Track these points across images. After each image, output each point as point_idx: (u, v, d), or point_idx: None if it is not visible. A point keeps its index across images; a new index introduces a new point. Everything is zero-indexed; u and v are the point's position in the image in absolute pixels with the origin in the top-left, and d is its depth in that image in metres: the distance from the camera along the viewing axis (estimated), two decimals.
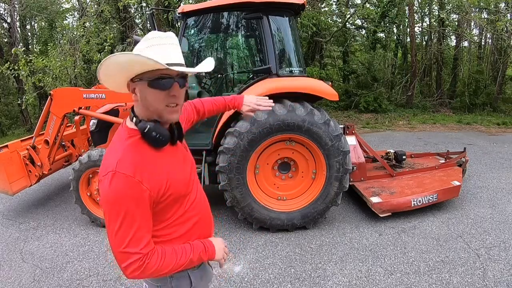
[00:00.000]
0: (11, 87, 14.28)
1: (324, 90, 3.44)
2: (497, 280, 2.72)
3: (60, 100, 3.97)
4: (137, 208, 1.04)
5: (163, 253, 1.11)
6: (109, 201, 1.02)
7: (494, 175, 5.13)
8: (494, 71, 12.88)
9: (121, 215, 1.02)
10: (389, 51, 13.94)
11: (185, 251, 1.16)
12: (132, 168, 1.03)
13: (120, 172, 1.02)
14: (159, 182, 1.09)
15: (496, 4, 10.19)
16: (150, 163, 1.09)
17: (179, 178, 1.17)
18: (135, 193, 1.03)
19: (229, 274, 2.92)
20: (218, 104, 1.64)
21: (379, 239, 3.42)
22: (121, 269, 1.06)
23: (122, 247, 1.03)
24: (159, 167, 1.11)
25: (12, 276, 3.03)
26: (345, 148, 3.42)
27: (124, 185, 1.01)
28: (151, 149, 1.11)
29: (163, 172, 1.11)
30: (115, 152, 1.08)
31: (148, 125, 1.08)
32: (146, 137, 1.09)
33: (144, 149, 1.10)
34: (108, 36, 8.77)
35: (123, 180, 1.01)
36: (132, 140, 1.10)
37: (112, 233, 1.03)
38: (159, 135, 1.09)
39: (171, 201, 1.14)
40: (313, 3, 10.15)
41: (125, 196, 1.02)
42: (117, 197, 1.02)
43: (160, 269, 1.09)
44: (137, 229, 1.04)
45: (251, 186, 3.48)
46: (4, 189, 3.98)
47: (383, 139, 7.93)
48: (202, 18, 3.90)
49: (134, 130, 1.12)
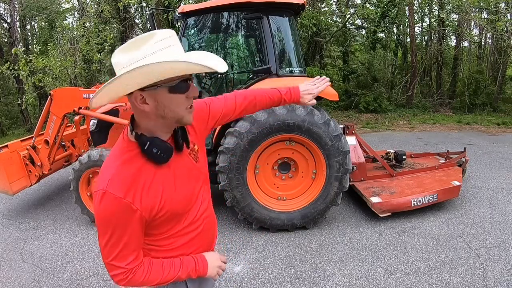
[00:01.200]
0: (11, 87, 14.27)
1: (324, 90, 3.43)
2: (497, 280, 2.72)
3: (60, 100, 3.97)
4: (125, 228, 1.02)
5: (149, 267, 1.11)
6: (98, 218, 1.02)
7: (494, 175, 5.13)
8: (494, 71, 12.87)
9: (109, 233, 1.01)
10: (389, 51, 13.94)
11: (173, 266, 1.15)
12: (123, 188, 0.99)
13: (110, 191, 0.98)
14: (152, 201, 1.04)
15: (496, 4, 10.19)
16: (145, 181, 1.03)
17: (176, 196, 1.11)
18: (124, 214, 1.00)
19: (229, 274, 2.92)
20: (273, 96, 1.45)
21: (379, 239, 3.42)
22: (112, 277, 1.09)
23: (109, 259, 1.05)
24: (155, 185, 1.05)
25: (12, 276, 3.03)
26: (345, 148, 3.42)
27: (112, 205, 0.98)
28: (150, 164, 1.05)
29: (158, 190, 1.06)
30: (110, 167, 1.03)
31: (148, 141, 1.02)
32: (146, 153, 1.03)
33: (140, 165, 1.03)
34: (108, 36, 8.78)
35: (112, 200, 0.98)
36: (128, 155, 1.03)
37: (101, 245, 1.05)
38: (160, 152, 1.03)
39: (166, 218, 1.10)
40: (313, 3, 10.15)
41: (112, 216, 1.00)
42: (105, 216, 1.00)
43: (146, 282, 1.11)
44: (123, 247, 1.03)
45: (251, 186, 3.48)
46: (4, 189, 3.98)
47: (383, 139, 7.93)
48: (202, 18, 3.90)
49: (133, 144, 1.05)
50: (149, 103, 0.99)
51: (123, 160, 1.03)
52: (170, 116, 1.02)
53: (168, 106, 1.00)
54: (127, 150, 1.04)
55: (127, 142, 1.06)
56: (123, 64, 0.93)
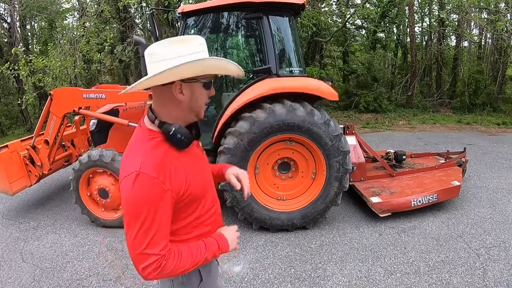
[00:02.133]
0: (11, 87, 14.27)
1: (324, 90, 3.44)
2: (497, 280, 2.72)
3: (60, 100, 3.96)
4: (159, 209, 1.04)
5: (179, 253, 1.11)
6: (132, 202, 1.03)
7: (494, 175, 5.13)
8: (494, 71, 12.87)
9: (143, 216, 1.02)
10: (389, 51, 13.93)
11: (200, 250, 1.17)
12: (156, 168, 1.05)
13: (144, 172, 1.02)
14: (179, 182, 1.10)
15: (496, 4, 10.19)
16: (172, 163, 1.10)
17: (196, 179, 1.18)
18: (158, 193, 1.04)
19: (229, 274, 2.92)
20: None
21: (379, 239, 3.42)
22: (138, 271, 1.06)
23: (140, 249, 1.03)
24: (180, 167, 1.12)
25: (12, 276, 3.03)
26: (345, 148, 3.42)
27: (147, 185, 1.02)
28: (172, 150, 1.13)
29: (183, 172, 1.13)
30: (137, 153, 1.09)
31: (173, 127, 1.11)
32: (171, 139, 1.11)
33: (165, 150, 1.11)
34: (108, 36, 8.77)
35: (147, 180, 1.02)
36: (154, 142, 1.11)
37: (131, 235, 1.04)
38: (183, 137, 1.12)
39: (188, 201, 1.15)
40: (313, 3, 10.15)
41: (148, 197, 1.02)
42: (140, 197, 1.02)
43: (176, 269, 1.10)
44: (156, 230, 1.04)
45: (251, 186, 3.46)
46: (4, 189, 3.98)
47: (383, 139, 7.93)
48: (202, 18, 3.90)
49: (154, 132, 1.13)
50: (185, 94, 1.11)
51: (150, 145, 1.10)
52: (196, 107, 1.16)
53: (198, 99, 1.15)
54: (150, 138, 1.12)
55: (147, 131, 1.14)
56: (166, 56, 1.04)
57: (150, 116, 1.15)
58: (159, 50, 1.06)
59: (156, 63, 1.05)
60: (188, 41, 1.08)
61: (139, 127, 1.18)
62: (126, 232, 1.06)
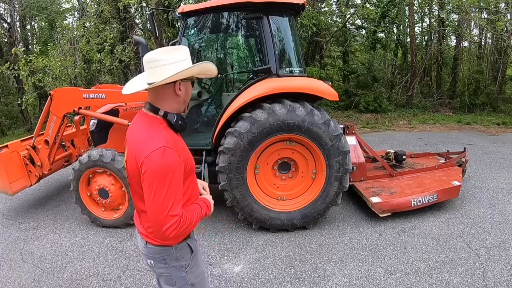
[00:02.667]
0: (11, 87, 14.28)
1: (324, 90, 3.44)
2: (497, 280, 2.72)
3: (60, 100, 3.96)
4: (178, 178, 1.30)
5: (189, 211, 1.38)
6: (161, 171, 1.26)
7: (494, 175, 5.13)
8: (494, 71, 12.87)
9: (167, 184, 1.26)
10: (389, 51, 13.93)
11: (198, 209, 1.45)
12: (175, 145, 1.33)
13: (169, 147, 1.29)
14: (186, 156, 1.41)
15: (496, 4, 10.19)
16: (179, 142, 1.42)
17: (191, 158, 1.48)
18: (178, 165, 1.31)
19: (229, 274, 2.92)
20: None
21: (379, 239, 3.42)
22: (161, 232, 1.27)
23: (166, 211, 1.25)
24: (183, 147, 1.44)
25: (12, 276, 3.03)
26: (345, 148, 3.42)
27: (173, 157, 1.29)
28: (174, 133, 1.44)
29: (186, 151, 1.44)
30: (157, 133, 1.34)
31: (175, 115, 1.42)
32: (174, 124, 1.41)
33: (171, 132, 1.42)
34: (108, 36, 8.77)
35: (172, 153, 1.29)
36: (163, 125, 1.40)
37: (158, 200, 1.25)
38: (182, 123, 1.44)
39: (187, 172, 1.42)
40: (313, 3, 10.15)
41: (174, 166, 1.28)
42: (168, 167, 1.27)
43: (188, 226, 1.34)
44: (176, 195, 1.29)
45: (251, 186, 3.48)
46: (4, 189, 3.98)
47: (383, 139, 7.93)
48: (202, 18, 3.90)
49: (160, 119, 1.41)
50: (182, 90, 1.42)
51: (163, 127, 1.38)
52: (187, 101, 1.49)
53: (188, 94, 1.47)
54: (158, 122, 1.40)
55: (155, 119, 1.41)
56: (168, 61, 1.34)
57: (152, 108, 1.42)
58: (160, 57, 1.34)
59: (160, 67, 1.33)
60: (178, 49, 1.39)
61: (141, 116, 1.44)
62: (152, 200, 1.26)
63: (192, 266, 1.53)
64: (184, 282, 1.52)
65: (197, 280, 1.56)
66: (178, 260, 1.48)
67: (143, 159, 1.28)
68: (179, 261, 1.49)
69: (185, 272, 1.51)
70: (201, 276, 1.60)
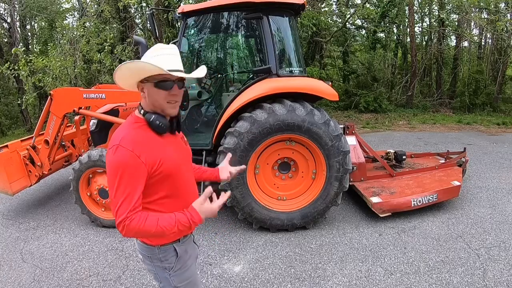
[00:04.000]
0: (11, 87, 14.28)
1: (324, 90, 3.44)
2: (497, 280, 2.72)
3: (60, 100, 3.96)
4: (132, 176, 1.27)
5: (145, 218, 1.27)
6: (111, 167, 1.27)
7: (494, 175, 5.13)
8: (494, 71, 12.87)
9: (117, 181, 1.25)
10: (389, 51, 13.93)
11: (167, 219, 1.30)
12: (132, 144, 1.29)
13: (122, 146, 1.27)
14: (153, 159, 1.33)
15: (496, 4, 10.19)
16: (149, 143, 1.34)
17: (170, 160, 1.39)
18: (132, 164, 1.27)
19: (229, 274, 2.92)
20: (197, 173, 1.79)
21: (379, 239, 3.42)
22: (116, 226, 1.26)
23: (115, 208, 1.25)
24: (156, 148, 1.36)
25: (12, 276, 3.03)
26: (345, 148, 3.42)
27: (123, 156, 1.26)
28: (153, 134, 1.38)
29: (158, 152, 1.35)
30: (121, 131, 1.34)
31: (153, 115, 1.36)
32: (151, 124, 1.36)
33: (146, 133, 1.36)
34: (108, 36, 8.77)
35: (123, 152, 1.27)
36: (138, 125, 1.37)
37: (111, 194, 1.27)
38: (161, 123, 1.36)
39: (162, 177, 1.36)
40: (313, 3, 10.15)
41: (122, 164, 1.26)
42: (117, 164, 1.26)
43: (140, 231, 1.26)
44: (128, 194, 1.25)
45: (251, 186, 3.48)
46: (4, 189, 3.98)
47: (383, 139, 7.93)
48: (202, 18, 3.90)
49: (140, 119, 1.39)
50: (144, 92, 1.37)
51: (133, 127, 1.36)
52: (155, 104, 1.37)
53: (153, 96, 1.36)
54: (135, 122, 1.38)
55: (135, 118, 1.40)
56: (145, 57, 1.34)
57: (138, 107, 1.42)
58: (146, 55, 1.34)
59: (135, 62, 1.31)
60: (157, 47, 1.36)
61: (130, 116, 1.44)
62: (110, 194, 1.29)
63: (177, 270, 1.49)
64: (168, 283, 1.51)
65: (181, 284, 1.51)
66: (162, 262, 1.47)
67: None
68: (163, 263, 1.47)
69: (169, 274, 1.49)
70: (188, 281, 1.54)
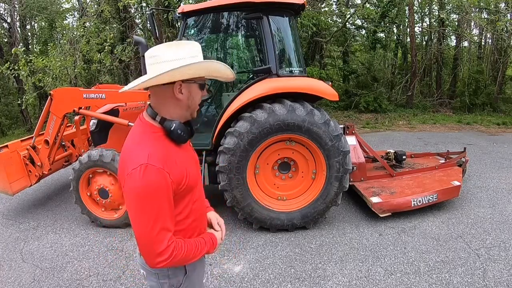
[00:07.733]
0: (11, 87, 14.28)
1: (324, 90, 3.44)
2: (497, 280, 2.72)
3: (60, 100, 3.96)
4: (166, 199, 1.11)
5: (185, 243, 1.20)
6: (142, 191, 1.07)
7: (494, 175, 5.13)
8: (494, 71, 12.86)
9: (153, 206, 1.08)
10: (389, 51, 13.93)
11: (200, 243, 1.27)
12: (162, 161, 1.11)
13: (152, 164, 1.08)
14: (180, 174, 1.18)
15: (496, 4, 10.19)
16: (173, 157, 1.18)
17: (192, 171, 1.27)
18: (165, 184, 1.10)
19: (229, 274, 2.92)
20: None
21: (379, 239, 3.42)
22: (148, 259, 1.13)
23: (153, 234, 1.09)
24: (180, 160, 1.21)
25: (12, 276, 3.03)
26: (345, 148, 3.42)
27: (156, 176, 1.08)
28: (172, 144, 1.22)
29: (183, 165, 1.21)
30: (143, 146, 1.15)
31: (174, 124, 1.19)
32: (171, 134, 1.19)
33: (166, 144, 1.20)
34: (108, 36, 8.77)
35: (156, 172, 1.08)
36: (156, 135, 1.19)
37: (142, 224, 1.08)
38: (182, 133, 1.21)
39: (183, 191, 1.21)
40: (313, 3, 10.15)
41: (156, 187, 1.08)
42: (150, 187, 1.07)
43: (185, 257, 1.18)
44: (165, 220, 1.11)
45: (251, 186, 3.48)
46: (4, 189, 3.98)
47: (383, 139, 7.93)
48: (202, 18, 3.90)
49: (156, 127, 1.21)
50: (184, 93, 1.21)
51: (154, 138, 1.18)
52: (192, 106, 1.26)
53: (194, 98, 1.25)
54: (152, 131, 1.20)
55: (149, 125, 1.22)
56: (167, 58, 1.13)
57: (151, 113, 1.22)
58: (160, 53, 1.14)
59: (158, 64, 1.14)
60: (185, 45, 1.17)
61: (139, 121, 1.25)
62: (135, 224, 1.10)
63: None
64: None
65: None
66: (170, 278, 1.34)
67: (125, 175, 1.12)
68: (171, 279, 1.34)
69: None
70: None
